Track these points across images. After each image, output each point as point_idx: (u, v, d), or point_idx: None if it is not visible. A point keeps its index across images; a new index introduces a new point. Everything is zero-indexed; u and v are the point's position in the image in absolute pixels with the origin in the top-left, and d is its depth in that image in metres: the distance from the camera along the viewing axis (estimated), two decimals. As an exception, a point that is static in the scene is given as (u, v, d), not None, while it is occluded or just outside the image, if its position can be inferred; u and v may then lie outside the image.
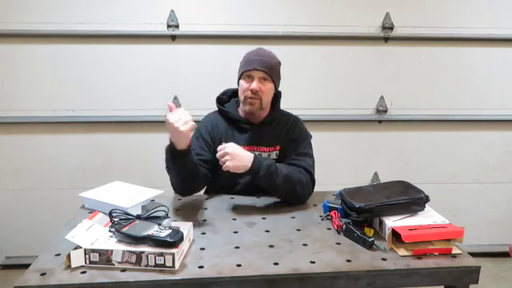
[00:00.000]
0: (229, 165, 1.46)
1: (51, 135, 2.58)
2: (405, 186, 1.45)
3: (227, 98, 1.81)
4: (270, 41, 2.53)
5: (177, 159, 1.48)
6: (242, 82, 1.67)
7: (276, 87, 1.71)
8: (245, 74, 1.65)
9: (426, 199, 1.37)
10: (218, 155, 1.49)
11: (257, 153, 1.68)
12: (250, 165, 1.49)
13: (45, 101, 2.53)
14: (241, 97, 1.68)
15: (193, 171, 1.54)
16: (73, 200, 1.63)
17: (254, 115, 1.70)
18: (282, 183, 1.54)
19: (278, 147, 1.71)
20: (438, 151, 2.80)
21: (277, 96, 1.76)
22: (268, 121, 1.72)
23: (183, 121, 1.36)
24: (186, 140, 1.42)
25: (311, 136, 1.79)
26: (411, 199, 1.35)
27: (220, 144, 1.68)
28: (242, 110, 1.74)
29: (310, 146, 1.75)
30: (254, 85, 1.62)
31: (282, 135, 1.73)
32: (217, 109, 1.80)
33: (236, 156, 1.48)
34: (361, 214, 1.31)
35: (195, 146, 1.67)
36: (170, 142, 1.44)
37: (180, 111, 1.39)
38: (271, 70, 1.65)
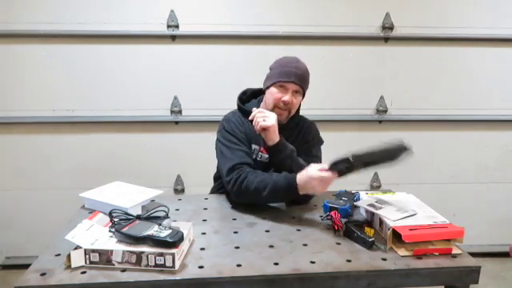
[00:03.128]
0: (273, 123, 1.52)
1: (51, 135, 2.58)
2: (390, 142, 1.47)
3: (247, 98, 1.79)
4: (270, 41, 2.54)
5: (290, 198, 1.56)
6: (274, 90, 1.63)
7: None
8: (279, 83, 1.63)
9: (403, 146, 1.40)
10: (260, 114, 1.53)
11: None
12: (278, 138, 1.54)
13: (45, 101, 2.53)
14: (269, 105, 1.65)
15: None
16: (73, 200, 1.63)
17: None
18: (297, 172, 1.52)
19: None
20: (437, 151, 2.80)
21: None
22: (290, 126, 1.71)
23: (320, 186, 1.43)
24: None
25: (323, 142, 1.82)
26: (389, 145, 1.42)
27: (251, 145, 1.69)
28: None
29: (320, 151, 1.79)
30: (288, 97, 1.61)
31: (298, 139, 1.74)
32: (232, 109, 1.78)
33: (276, 127, 1.54)
34: (337, 164, 1.36)
35: (243, 148, 1.63)
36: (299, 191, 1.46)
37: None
38: (306, 86, 1.67)
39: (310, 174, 1.41)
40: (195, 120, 2.58)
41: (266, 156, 1.64)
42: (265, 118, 1.53)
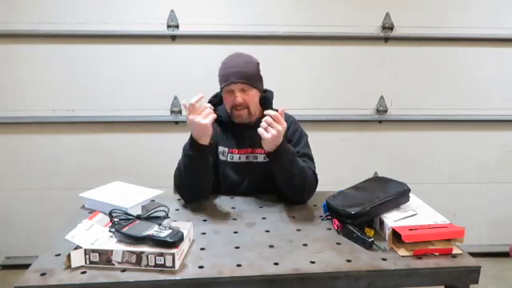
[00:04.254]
0: (274, 134, 1.41)
1: (51, 135, 2.58)
2: (384, 182, 1.48)
3: (218, 101, 1.78)
4: (269, 41, 2.54)
5: (198, 157, 1.48)
6: (224, 96, 1.66)
7: (260, 90, 1.69)
8: (224, 88, 1.64)
9: (408, 189, 1.41)
10: (272, 122, 1.41)
11: (252, 156, 1.68)
12: (278, 143, 1.46)
13: (45, 101, 2.53)
14: (227, 109, 1.67)
15: (209, 173, 1.57)
16: (73, 200, 1.63)
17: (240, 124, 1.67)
18: (298, 175, 1.52)
19: None
20: (437, 151, 2.80)
21: (267, 96, 1.74)
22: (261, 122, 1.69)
23: (203, 115, 1.40)
24: (208, 134, 1.44)
25: (307, 135, 1.76)
26: (399, 193, 1.38)
27: (217, 148, 1.69)
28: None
29: (308, 146, 1.74)
30: (237, 99, 1.60)
31: None
32: None
33: (281, 135, 1.45)
34: (358, 218, 1.31)
35: None
36: (192, 139, 1.46)
37: (198, 107, 1.41)
38: (249, 79, 1.61)
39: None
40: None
41: (238, 156, 1.63)
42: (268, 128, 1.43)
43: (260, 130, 1.43)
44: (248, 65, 1.64)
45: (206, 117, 1.40)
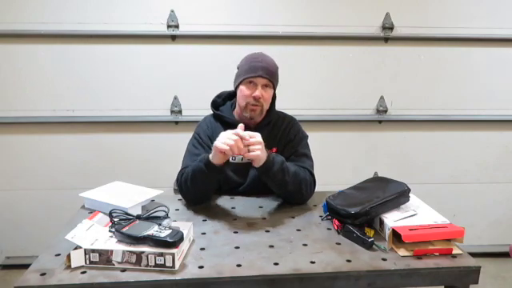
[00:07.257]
0: (259, 154, 1.42)
1: (51, 135, 2.58)
2: (384, 182, 1.48)
3: (222, 101, 1.79)
4: (269, 41, 2.54)
5: (210, 174, 1.48)
6: (243, 87, 1.64)
7: (274, 94, 1.71)
8: (247, 80, 1.63)
9: (408, 189, 1.41)
10: (246, 142, 1.41)
11: None
12: (265, 158, 1.46)
13: (45, 101, 2.53)
14: (241, 103, 1.66)
15: (215, 186, 1.59)
16: (73, 200, 1.63)
17: (250, 119, 1.67)
18: (291, 180, 1.53)
19: (274, 149, 1.68)
20: (438, 151, 2.80)
21: (273, 98, 1.75)
22: (265, 123, 1.70)
23: (224, 140, 1.39)
24: (219, 158, 1.44)
25: (307, 136, 1.78)
26: (399, 193, 1.38)
27: None
28: (237, 114, 1.72)
29: (308, 147, 1.75)
30: (258, 92, 1.60)
31: (279, 136, 1.72)
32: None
33: (263, 147, 1.46)
34: (358, 218, 1.31)
35: (200, 151, 1.66)
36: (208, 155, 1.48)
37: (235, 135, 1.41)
38: (274, 79, 1.66)
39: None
40: (195, 120, 2.55)
41: (240, 157, 1.60)
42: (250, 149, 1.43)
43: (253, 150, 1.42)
44: (274, 66, 1.67)
45: (224, 144, 1.39)
